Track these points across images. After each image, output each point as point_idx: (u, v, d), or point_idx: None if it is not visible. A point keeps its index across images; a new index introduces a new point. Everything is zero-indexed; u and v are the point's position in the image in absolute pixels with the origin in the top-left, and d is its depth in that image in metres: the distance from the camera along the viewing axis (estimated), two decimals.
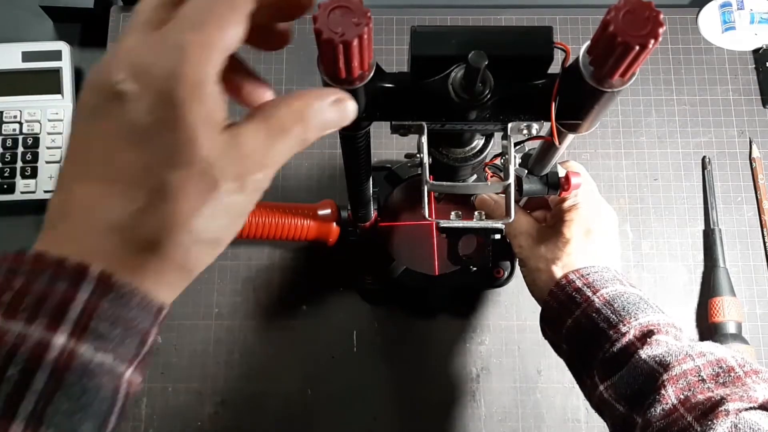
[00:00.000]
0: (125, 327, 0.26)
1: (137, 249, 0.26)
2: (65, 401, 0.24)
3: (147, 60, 0.26)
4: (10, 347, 0.24)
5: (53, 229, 0.27)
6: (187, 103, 0.25)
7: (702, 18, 0.77)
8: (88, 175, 0.27)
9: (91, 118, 0.27)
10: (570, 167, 0.53)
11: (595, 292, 0.47)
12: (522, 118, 0.38)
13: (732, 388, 0.39)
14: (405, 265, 0.64)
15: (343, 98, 0.31)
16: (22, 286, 0.25)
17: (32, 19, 0.77)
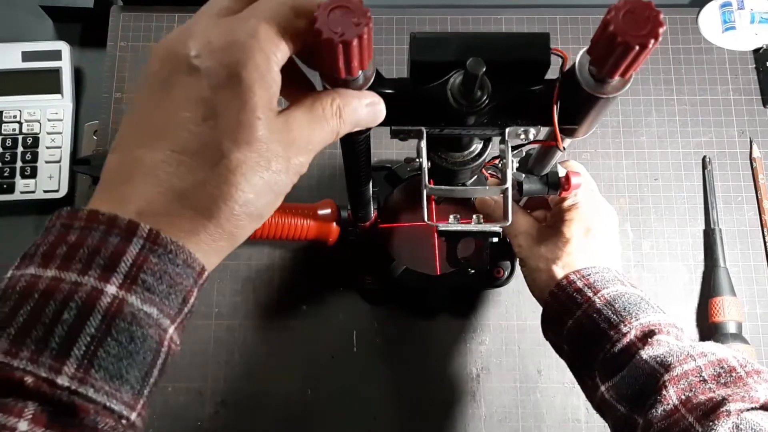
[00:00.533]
0: (170, 283, 0.28)
1: (194, 214, 0.28)
2: (115, 346, 0.26)
3: (221, 41, 0.28)
4: (65, 294, 0.26)
5: (111, 190, 0.29)
6: (255, 86, 0.28)
7: (702, 18, 0.77)
8: (152, 142, 0.29)
9: (161, 88, 0.29)
10: (570, 167, 0.53)
11: (596, 293, 0.47)
12: (519, 123, 0.39)
13: (733, 388, 0.39)
14: (405, 265, 0.64)
15: (377, 102, 0.34)
16: (76, 241, 0.27)
17: (32, 18, 0.77)
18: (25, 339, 0.25)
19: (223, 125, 0.28)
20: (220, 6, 0.30)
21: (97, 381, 0.26)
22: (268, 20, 0.29)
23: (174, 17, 0.76)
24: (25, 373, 0.24)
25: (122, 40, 0.75)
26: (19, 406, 0.24)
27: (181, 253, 0.28)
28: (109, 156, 0.30)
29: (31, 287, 0.26)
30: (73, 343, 0.25)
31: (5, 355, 0.25)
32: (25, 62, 0.72)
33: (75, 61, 0.74)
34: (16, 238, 0.71)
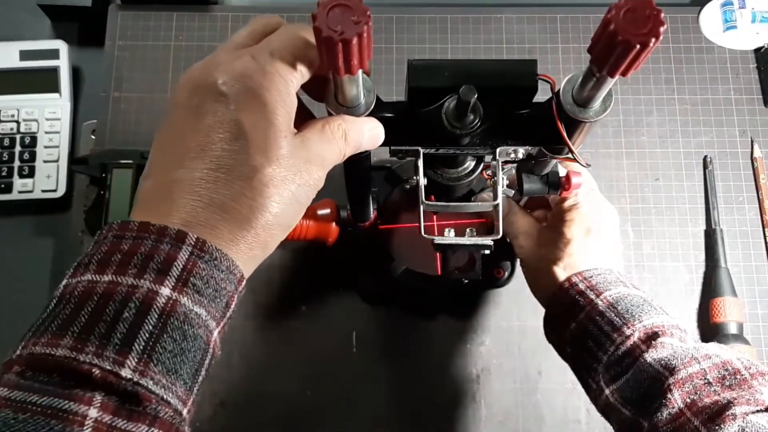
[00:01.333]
0: (215, 288, 0.31)
1: (234, 225, 0.31)
2: (170, 342, 0.28)
3: (245, 69, 0.32)
4: (124, 295, 0.28)
5: (152, 208, 0.31)
6: (278, 108, 0.32)
7: (703, 17, 0.77)
8: (189, 163, 0.31)
9: (192, 115, 0.32)
10: (570, 167, 0.53)
11: (598, 295, 0.47)
12: (509, 143, 0.42)
13: (738, 391, 0.39)
14: (405, 265, 0.64)
15: (377, 127, 0.38)
16: (129, 249, 0.29)
17: (30, 17, 0.77)
18: (89, 336, 0.27)
19: (253, 143, 0.31)
20: (237, 42, 0.34)
21: (156, 374, 0.28)
22: (284, 50, 0.32)
23: (172, 16, 0.76)
24: (91, 366, 0.26)
25: (120, 39, 0.75)
26: (88, 396, 0.26)
27: (225, 260, 0.31)
28: (144, 180, 0.33)
29: (89, 291, 0.29)
30: (133, 339, 0.27)
31: (71, 351, 0.27)
32: (22, 61, 0.72)
33: (73, 60, 0.74)
34: (14, 237, 0.71)
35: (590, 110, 0.38)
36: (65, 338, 0.27)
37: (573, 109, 0.38)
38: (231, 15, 0.76)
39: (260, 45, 0.33)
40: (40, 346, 0.27)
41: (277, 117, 0.32)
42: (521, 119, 0.41)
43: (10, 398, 0.25)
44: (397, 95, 0.74)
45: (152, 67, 0.74)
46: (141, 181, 0.33)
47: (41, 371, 0.27)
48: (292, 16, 0.76)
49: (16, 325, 0.75)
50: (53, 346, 0.27)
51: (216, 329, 0.31)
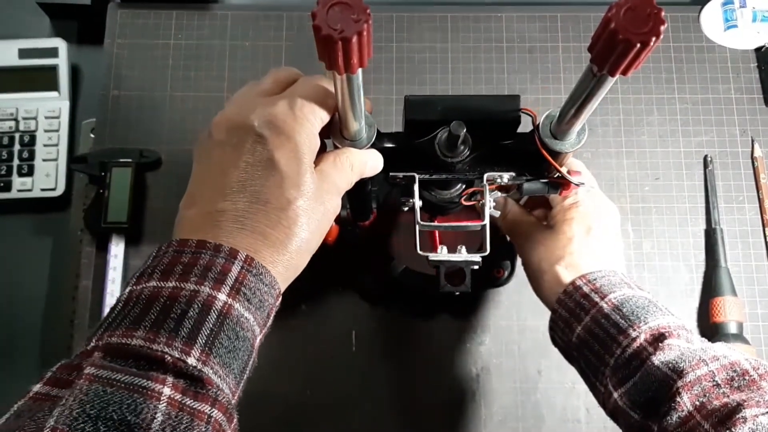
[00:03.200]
0: (260, 299, 0.35)
1: (273, 249, 0.36)
2: (226, 339, 0.33)
3: (280, 115, 0.37)
4: (188, 298, 0.32)
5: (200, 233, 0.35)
6: (305, 148, 0.37)
7: (704, 16, 0.77)
8: (233, 197, 0.36)
9: (232, 152, 0.37)
10: (570, 166, 0.52)
11: (603, 298, 0.46)
12: (496, 169, 0.47)
13: (747, 392, 0.39)
14: (404, 265, 0.64)
15: (377, 157, 0.43)
16: (189, 261, 0.34)
17: (29, 15, 0.77)
18: (159, 330, 0.31)
19: (287, 179, 0.36)
20: (264, 89, 0.39)
21: (215, 365, 0.32)
22: (309, 98, 0.38)
23: (171, 14, 0.76)
24: (164, 353, 0.30)
25: (119, 38, 0.75)
26: (162, 376, 0.30)
27: (267, 275, 0.36)
28: (186, 210, 0.37)
29: (156, 294, 0.33)
30: (197, 334, 0.32)
31: (145, 341, 0.31)
32: (21, 59, 0.72)
33: (72, 59, 0.74)
34: (13, 236, 0.71)
35: (566, 143, 0.43)
36: (139, 330, 0.31)
37: (551, 142, 0.43)
38: (230, 14, 0.76)
39: (289, 93, 0.38)
40: (116, 337, 0.31)
41: (305, 156, 0.37)
42: (506, 148, 0.46)
43: (98, 375, 0.29)
44: (397, 94, 0.74)
45: (151, 66, 0.74)
46: (183, 211, 0.38)
47: (119, 357, 0.30)
48: (292, 15, 0.76)
49: (15, 324, 0.75)
50: (129, 337, 0.31)
51: (259, 335, 0.36)
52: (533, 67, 0.75)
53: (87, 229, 0.68)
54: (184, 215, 0.38)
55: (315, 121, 0.38)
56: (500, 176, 0.47)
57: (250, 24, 0.76)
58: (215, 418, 0.31)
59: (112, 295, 0.66)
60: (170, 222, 0.38)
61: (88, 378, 0.29)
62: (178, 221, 0.38)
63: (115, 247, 0.67)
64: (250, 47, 0.75)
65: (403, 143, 0.45)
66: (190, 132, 0.72)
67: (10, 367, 0.67)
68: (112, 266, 0.67)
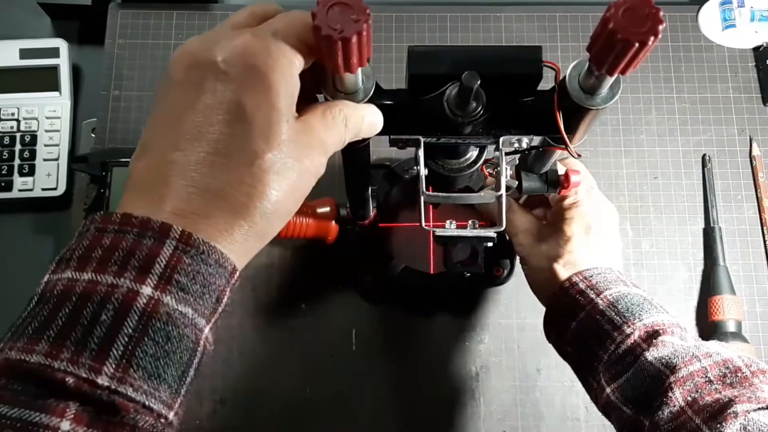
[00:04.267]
0: (203, 283, 0.29)
1: (230, 213, 0.29)
2: (152, 345, 0.27)
3: (248, 47, 0.30)
4: (102, 296, 0.26)
5: (144, 192, 0.29)
6: (281, 89, 0.30)
7: (702, 15, 0.77)
8: (186, 145, 0.29)
9: (191, 92, 0.30)
10: (570, 165, 0.53)
11: (598, 294, 0.47)
12: (513, 132, 0.40)
13: (739, 389, 0.39)
14: (404, 264, 0.64)
15: (376, 113, 0.36)
16: (111, 244, 0.28)
17: (30, 16, 0.77)
18: (65, 341, 0.26)
19: (254, 127, 0.29)
20: (236, 21, 0.32)
21: (135, 380, 0.26)
22: (288, 32, 0.30)
23: (172, 14, 0.76)
24: (66, 374, 0.25)
25: (120, 38, 0.75)
26: (61, 406, 0.24)
27: (213, 253, 0.29)
28: (136, 161, 0.31)
29: (68, 290, 0.27)
30: (111, 344, 0.26)
31: (46, 357, 0.25)
32: (22, 60, 0.72)
33: (73, 59, 0.74)
34: (14, 236, 0.71)
35: (597, 97, 0.36)
36: (41, 343, 0.26)
37: (579, 95, 0.36)
38: (230, 14, 0.76)
39: (263, 25, 0.31)
40: (16, 351, 0.26)
41: (280, 99, 0.30)
42: (525, 108, 0.39)
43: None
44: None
45: (152, 66, 0.74)
46: (132, 161, 0.31)
47: (16, 379, 0.25)
48: None
49: None
50: (28, 352, 0.26)
51: (206, 326, 0.30)
52: None
53: None
54: (132, 169, 0.31)
55: (294, 59, 0.30)
56: (518, 140, 0.41)
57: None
58: None
59: None
60: None
61: None
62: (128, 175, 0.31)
63: None
64: None
65: (406, 101, 0.39)
66: None
67: None
68: None
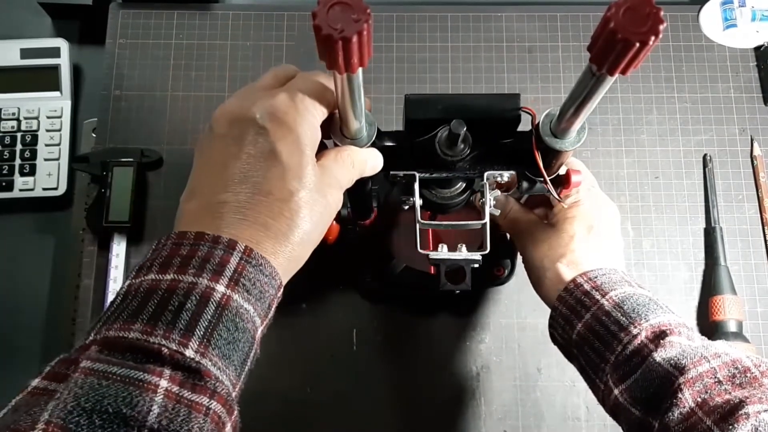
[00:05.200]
0: (261, 290, 0.35)
1: (275, 240, 0.36)
2: (225, 331, 0.32)
3: (281, 106, 0.37)
4: (186, 290, 0.32)
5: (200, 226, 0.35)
6: (307, 140, 0.37)
7: (703, 15, 0.77)
8: (235, 188, 0.36)
9: (233, 144, 0.37)
10: (570, 165, 0.53)
11: (604, 295, 0.46)
12: (496, 168, 0.47)
13: (749, 389, 0.39)
14: (405, 263, 0.64)
15: (377, 156, 0.43)
16: (188, 253, 0.34)
17: (30, 15, 0.77)
18: (157, 322, 0.31)
19: (288, 170, 0.36)
20: (264, 84, 0.39)
21: (213, 357, 0.32)
22: (309, 92, 0.38)
23: (173, 14, 0.76)
24: (161, 346, 0.30)
25: (121, 38, 0.75)
26: (159, 369, 0.30)
27: (268, 266, 0.35)
28: (187, 203, 0.37)
29: (154, 287, 0.33)
30: (195, 326, 0.31)
31: (142, 334, 0.31)
32: (23, 59, 0.72)
33: (74, 59, 0.74)
34: (15, 235, 0.71)
35: (566, 141, 0.43)
36: (136, 323, 0.31)
37: (551, 140, 0.43)
38: (231, 14, 0.76)
39: (289, 86, 0.38)
40: (114, 330, 0.31)
41: (307, 147, 0.37)
42: (506, 147, 0.46)
43: (93, 369, 0.29)
44: (397, 93, 0.74)
45: (153, 66, 0.74)
46: (184, 204, 0.37)
47: (116, 350, 0.30)
48: (293, 14, 0.76)
49: (16, 323, 0.76)
50: (126, 330, 0.31)
51: (260, 326, 0.35)
52: (533, 66, 0.75)
53: (89, 228, 0.68)
54: (184, 208, 0.37)
55: (316, 114, 0.38)
56: (500, 175, 0.47)
57: (251, 24, 0.76)
58: (214, 410, 0.31)
59: (113, 294, 0.66)
60: (172, 221, 0.38)
61: (83, 371, 0.29)
62: (178, 215, 0.38)
63: (116, 246, 0.68)
64: (251, 47, 0.75)
65: (403, 142, 0.46)
66: (191, 131, 0.72)
67: (12, 366, 0.67)
68: (113, 265, 0.67)
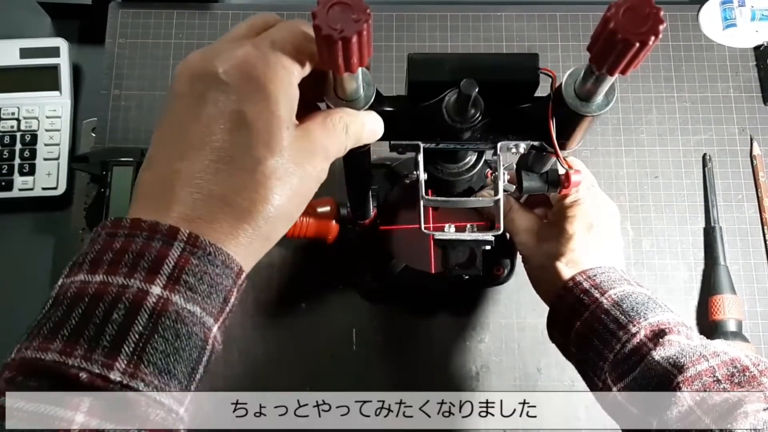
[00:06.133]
0: (210, 283, 0.30)
1: (234, 217, 0.31)
2: (162, 342, 0.28)
3: (247, 58, 0.31)
4: (113, 296, 0.28)
5: (151, 200, 0.31)
6: (280, 98, 0.31)
7: (703, 15, 0.77)
8: (191, 154, 0.31)
9: (194, 104, 0.31)
10: (571, 163, 0.53)
11: (603, 293, 0.46)
12: (510, 138, 0.42)
13: (748, 388, 0.39)
14: (404, 263, 0.64)
15: (376, 120, 0.38)
16: (121, 247, 0.29)
17: (30, 15, 0.77)
18: (78, 339, 0.27)
19: (255, 134, 0.31)
20: (236, 34, 0.33)
21: (146, 376, 0.27)
22: (286, 42, 0.32)
23: (172, 14, 0.76)
24: (79, 370, 0.26)
25: (120, 37, 0.75)
26: (76, 400, 0.26)
27: (220, 254, 0.30)
28: (143, 173, 0.32)
29: (81, 292, 0.28)
30: (122, 341, 0.27)
31: (60, 355, 0.26)
32: (23, 59, 0.72)
33: (73, 58, 0.74)
34: (14, 235, 0.71)
35: (593, 104, 0.37)
36: (55, 342, 0.27)
37: (575, 103, 0.37)
38: (231, 13, 0.76)
39: (261, 36, 0.32)
40: (32, 350, 0.27)
41: (279, 107, 0.31)
42: (522, 114, 0.40)
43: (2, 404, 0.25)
44: (397, 93, 0.73)
45: (152, 65, 0.74)
46: (140, 173, 0.33)
47: (31, 376, 0.27)
48: (293, 15, 0.76)
49: (16, 323, 0.75)
50: (43, 351, 0.27)
51: (215, 325, 0.31)
52: None
53: (88, 228, 0.68)
54: (139, 179, 0.33)
55: (292, 68, 0.32)
56: (516, 145, 0.42)
57: None
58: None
59: None
60: None
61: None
62: (135, 186, 0.33)
63: None
64: None
65: (406, 107, 0.40)
66: None
67: None
68: None
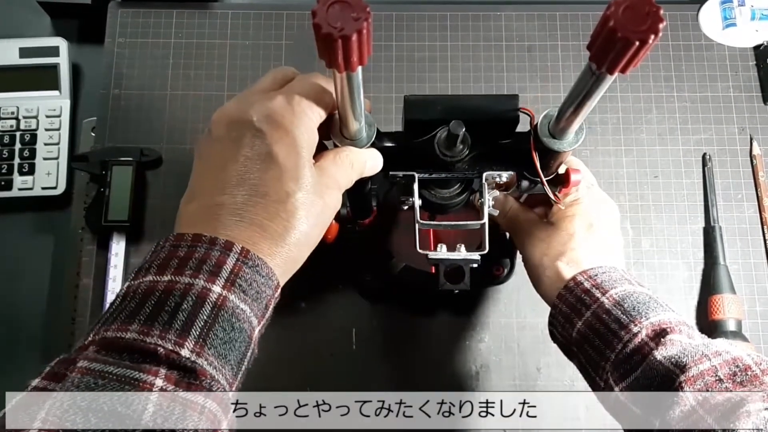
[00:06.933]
0: (257, 290, 0.35)
1: (271, 242, 0.36)
2: (221, 331, 0.33)
3: (277, 109, 0.37)
4: (182, 291, 0.33)
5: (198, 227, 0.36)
6: (303, 142, 0.37)
7: (703, 14, 0.77)
8: (232, 190, 0.36)
9: (231, 147, 0.37)
10: (570, 164, 0.53)
11: (604, 293, 0.46)
12: (494, 168, 0.47)
13: (750, 387, 0.39)
14: (404, 263, 0.64)
15: (376, 156, 0.44)
16: (185, 255, 0.35)
17: (29, 14, 0.77)
18: (153, 323, 0.32)
19: (285, 172, 0.37)
20: (263, 87, 0.40)
21: (209, 356, 0.32)
22: (307, 94, 0.38)
23: (172, 13, 0.76)
24: (156, 346, 0.31)
25: (120, 37, 0.75)
26: (154, 368, 0.30)
27: (264, 267, 0.36)
28: (187, 205, 0.38)
29: (151, 288, 0.33)
30: (191, 326, 0.32)
31: (138, 334, 0.31)
32: (22, 58, 0.72)
33: (73, 58, 0.74)
34: (14, 234, 0.71)
35: (564, 142, 0.43)
36: (133, 324, 0.32)
37: (549, 141, 0.43)
38: (231, 13, 0.76)
39: (286, 89, 0.39)
40: (112, 331, 0.32)
41: (303, 150, 0.37)
42: (505, 148, 0.46)
43: (90, 368, 0.30)
44: (397, 92, 0.74)
45: (152, 65, 0.74)
46: (183, 206, 0.38)
47: (113, 351, 0.31)
48: (293, 14, 0.76)
49: (16, 322, 0.75)
50: (123, 331, 0.31)
51: (257, 327, 0.36)
52: (532, 65, 0.75)
53: (88, 227, 0.68)
54: (183, 210, 0.38)
55: (313, 116, 0.38)
56: (499, 175, 0.48)
57: (251, 23, 0.76)
58: (209, 408, 0.31)
59: (113, 293, 0.66)
60: (171, 220, 0.38)
61: (80, 371, 0.29)
62: (178, 217, 0.38)
63: (115, 246, 0.67)
64: (251, 46, 0.75)
65: (402, 143, 0.46)
66: (190, 131, 0.72)
67: (12, 365, 0.67)
68: (113, 264, 0.67)
